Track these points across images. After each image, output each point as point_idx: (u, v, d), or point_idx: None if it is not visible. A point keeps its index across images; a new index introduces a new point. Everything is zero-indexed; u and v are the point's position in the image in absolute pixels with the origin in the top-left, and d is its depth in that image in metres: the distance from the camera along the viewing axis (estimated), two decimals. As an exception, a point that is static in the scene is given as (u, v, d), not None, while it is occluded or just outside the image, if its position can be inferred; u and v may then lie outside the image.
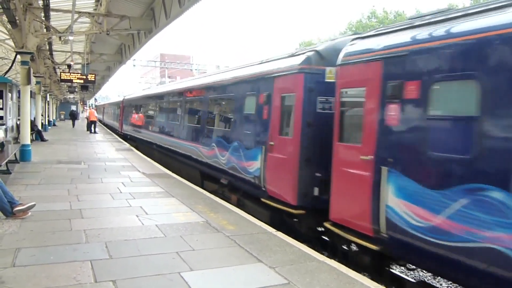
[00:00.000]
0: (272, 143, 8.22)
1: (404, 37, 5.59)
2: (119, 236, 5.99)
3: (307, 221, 7.74)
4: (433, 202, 4.75)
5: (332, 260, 5.41)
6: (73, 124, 40.31)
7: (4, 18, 13.05)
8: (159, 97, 19.72)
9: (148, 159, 16.21)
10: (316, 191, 7.36)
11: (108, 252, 5.33)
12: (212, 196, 9.35)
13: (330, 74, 7.35)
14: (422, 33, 5.34)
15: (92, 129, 30.92)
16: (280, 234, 6.46)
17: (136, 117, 24.16)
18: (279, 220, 8.07)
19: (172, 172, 12.69)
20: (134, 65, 52.55)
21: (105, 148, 20.13)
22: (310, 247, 6.18)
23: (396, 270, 6.97)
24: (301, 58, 7.74)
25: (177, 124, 15.37)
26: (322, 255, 5.61)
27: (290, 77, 7.85)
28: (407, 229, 5.05)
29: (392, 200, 5.30)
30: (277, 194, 8.02)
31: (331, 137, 6.69)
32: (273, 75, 8.48)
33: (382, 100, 5.62)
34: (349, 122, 6.60)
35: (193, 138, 13.25)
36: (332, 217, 6.57)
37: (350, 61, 6.40)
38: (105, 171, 12.34)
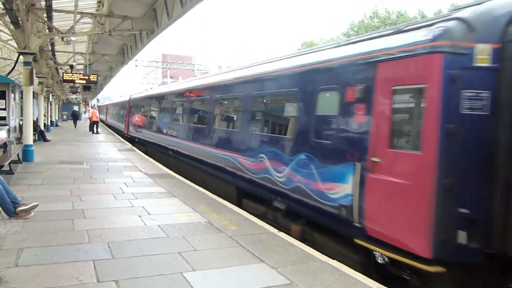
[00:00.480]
0: (376, 159, 5.43)
1: None
2: (122, 236, 5.99)
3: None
4: None
5: (335, 261, 5.39)
6: (75, 125, 40.55)
7: (7, 19, 13.11)
8: (178, 94, 16.19)
9: (150, 159, 16.22)
10: (462, 237, 4.72)
11: (111, 252, 5.33)
12: (214, 196, 9.35)
13: (483, 56, 4.81)
14: None
15: (95, 129, 31.01)
16: (282, 235, 6.46)
17: (147, 118, 22.03)
18: (384, 273, 5.54)
19: (197, 184, 10.88)
20: (136, 66, 52.71)
21: (107, 148, 20.16)
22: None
23: None
24: (436, 30, 4.98)
25: (204, 128, 12.33)
26: (324, 256, 5.60)
27: (414, 61, 5.12)
28: None
29: None
30: (387, 237, 5.27)
31: (485, 151, 4.77)
32: (377, 58, 5.64)
33: None
34: None
35: (228, 145, 10.22)
36: None
37: None
38: (107, 171, 12.37)
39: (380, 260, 5.66)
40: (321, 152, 6.59)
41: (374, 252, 5.61)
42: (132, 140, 25.26)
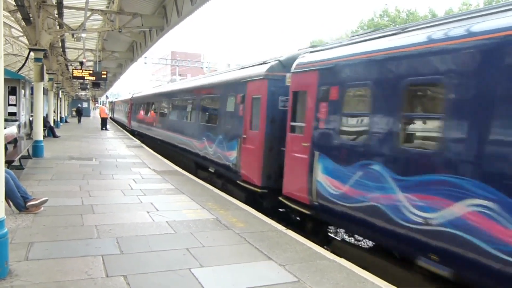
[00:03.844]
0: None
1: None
2: (130, 232, 6.03)
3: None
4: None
5: (343, 259, 5.39)
6: (79, 120, 41.07)
7: (18, 15, 13.18)
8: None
9: (159, 156, 16.29)
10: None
11: (119, 247, 5.37)
12: (222, 193, 9.38)
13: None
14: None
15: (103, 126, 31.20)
16: (290, 232, 6.47)
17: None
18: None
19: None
20: (145, 63, 52.77)
21: (116, 145, 20.26)
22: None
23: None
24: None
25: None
26: (332, 254, 5.60)
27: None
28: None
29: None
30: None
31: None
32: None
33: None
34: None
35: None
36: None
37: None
38: (116, 168, 12.44)
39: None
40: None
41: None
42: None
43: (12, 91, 19.60)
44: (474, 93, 4.62)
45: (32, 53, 14.32)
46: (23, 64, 17.50)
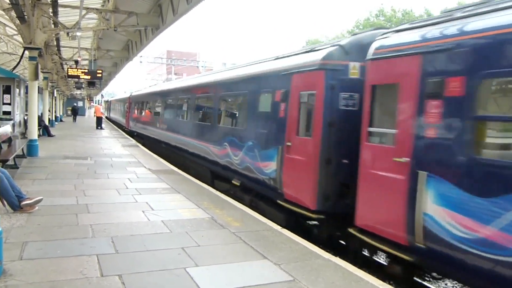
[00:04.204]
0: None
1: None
2: (125, 231, 6.02)
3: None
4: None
5: (338, 258, 5.40)
6: (74, 119, 41.16)
7: (13, 13, 13.11)
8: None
9: (154, 155, 16.25)
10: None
11: (114, 246, 5.36)
12: (217, 192, 9.37)
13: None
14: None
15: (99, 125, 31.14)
16: (285, 231, 6.47)
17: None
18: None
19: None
20: (140, 62, 52.85)
21: (112, 144, 20.20)
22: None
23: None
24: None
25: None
26: (328, 253, 5.61)
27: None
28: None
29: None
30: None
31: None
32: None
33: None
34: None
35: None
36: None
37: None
38: (111, 167, 12.40)
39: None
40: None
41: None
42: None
43: (6, 90, 19.52)
44: None
45: (26, 52, 14.26)
46: (18, 63, 17.43)
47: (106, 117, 50.37)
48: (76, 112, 44.56)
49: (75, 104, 50.56)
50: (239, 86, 10.52)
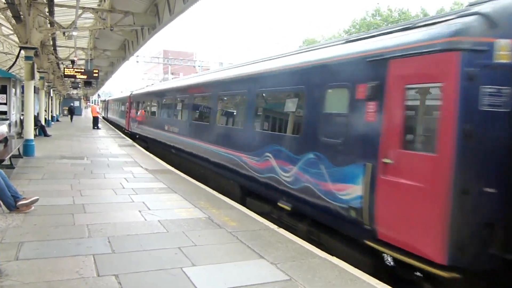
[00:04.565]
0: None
1: None
2: (122, 231, 6.01)
3: None
4: None
5: (334, 257, 5.41)
6: (71, 119, 41.19)
7: (9, 13, 13.07)
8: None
9: (151, 155, 16.23)
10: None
11: (111, 246, 5.35)
12: (214, 192, 9.36)
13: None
14: None
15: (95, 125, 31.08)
16: (282, 231, 6.47)
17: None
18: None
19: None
20: (137, 61, 52.71)
21: (108, 144, 20.16)
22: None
23: None
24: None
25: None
26: (324, 252, 5.62)
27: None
28: None
29: None
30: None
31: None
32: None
33: None
34: None
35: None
36: None
37: None
38: (108, 167, 12.38)
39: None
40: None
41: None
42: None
43: (2, 89, 19.40)
44: None
45: (22, 52, 14.24)
46: (14, 63, 17.42)
47: (104, 118, 49.96)
48: (72, 112, 44.74)
49: (71, 104, 50.48)
50: (289, 80, 7.89)
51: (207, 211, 7.46)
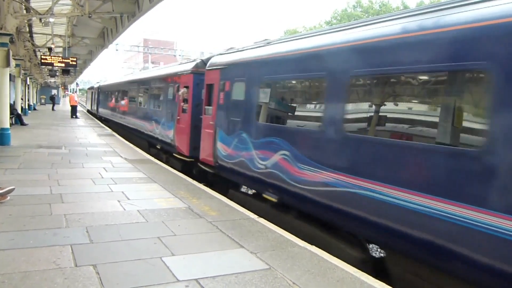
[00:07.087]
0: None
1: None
2: (100, 221, 5.94)
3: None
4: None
5: (314, 246, 5.46)
6: (53, 108, 40.50)
7: (-18, -2, 12.69)
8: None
9: (131, 144, 16.06)
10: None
11: (89, 236, 5.28)
12: (194, 182, 9.33)
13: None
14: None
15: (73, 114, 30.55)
16: (262, 220, 6.50)
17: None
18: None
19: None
20: (116, 50, 51.81)
21: (87, 133, 19.86)
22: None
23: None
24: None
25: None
26: (303, 241, 5.66)
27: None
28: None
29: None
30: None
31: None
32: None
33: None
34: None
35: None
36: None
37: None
38: (86, 156, 12.20)
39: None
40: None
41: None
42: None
43: (-24, 77, 18.88)
44: None
45: (-3, 38, 13.80)
46: (-12, 49, 16.84)
47: (90, 112, 39.68)
48: (54, 101, 44.32)
49: (53, 93, 49.54)
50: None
51: (187, 201, 7.44)
